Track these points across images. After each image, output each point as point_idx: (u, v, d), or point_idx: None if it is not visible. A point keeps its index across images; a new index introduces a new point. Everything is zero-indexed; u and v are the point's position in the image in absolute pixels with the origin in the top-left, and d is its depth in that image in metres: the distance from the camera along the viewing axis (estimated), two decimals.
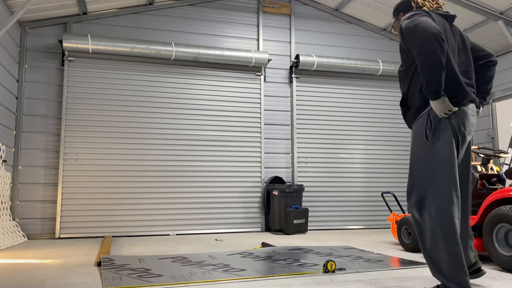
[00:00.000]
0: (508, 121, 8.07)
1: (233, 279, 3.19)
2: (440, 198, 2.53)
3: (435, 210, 2.52)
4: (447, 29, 2.77)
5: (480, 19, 7.50)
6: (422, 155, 2.65)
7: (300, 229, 7.06)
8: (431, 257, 2.54)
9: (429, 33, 2.49)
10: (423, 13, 2.68)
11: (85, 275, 3.46)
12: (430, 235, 2.54)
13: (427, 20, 2.55)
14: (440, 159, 2.57)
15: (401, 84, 2.89)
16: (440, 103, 2.54)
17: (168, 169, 7.21)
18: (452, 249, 2.44)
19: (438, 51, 2.46)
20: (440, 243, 2.48)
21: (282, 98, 8.04)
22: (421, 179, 2.63)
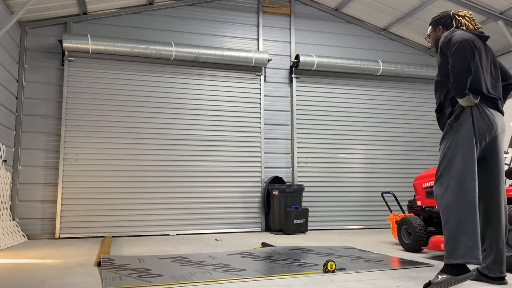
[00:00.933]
0: (508, 121, 8.07)
1: (233, 279, 3.19)
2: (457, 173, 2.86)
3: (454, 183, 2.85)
4: (481, 47, 3.14)
5: (480, 19, 7.50)
6: (446, 140, 2.99)
7: (300, 229, 7.06)
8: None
9: (463, 39, 2.86)
10: (462, 29, 3.09)
11: (85, 275, 3.46)
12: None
13: (463, 32, 2.97)
14: (459, 142, 2.90)
15: (436, 93, 3.21)
16: (465, 100, 2.90)
17: (168, 169, 7.21)
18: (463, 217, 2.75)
19: (468, 56, 2.83)
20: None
21: (282, 98, 8.04)
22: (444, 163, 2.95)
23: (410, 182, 8.39)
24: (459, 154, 2.87)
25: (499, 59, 8.32)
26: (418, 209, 5.13)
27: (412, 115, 8.68)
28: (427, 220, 4.95)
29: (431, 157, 8.65)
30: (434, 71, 8.59)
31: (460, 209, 2.76)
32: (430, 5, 7.43)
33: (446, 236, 2.79)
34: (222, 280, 3.15)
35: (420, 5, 7.54)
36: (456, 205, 2.77)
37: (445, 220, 2.81)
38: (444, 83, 3.10)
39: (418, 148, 8.61)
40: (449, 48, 2.92)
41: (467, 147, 2.86)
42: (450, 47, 2.92)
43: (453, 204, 2.79)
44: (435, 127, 8.80)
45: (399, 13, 8.03)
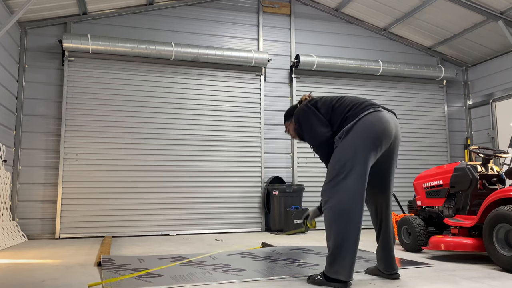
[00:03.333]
0: (508, 121, 8.07)
1: (233, 280, 3.18)
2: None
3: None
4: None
5: (480, 19, 7.50)
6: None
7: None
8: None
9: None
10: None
11: (85, 275, 3.46)
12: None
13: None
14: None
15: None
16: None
17: (168, 169, 7.21)
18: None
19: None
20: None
21: (282, 98, 8.04)
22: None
23: (410, 182, 8.39)
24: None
25: (499, 59, 8.34)
26: (418, 209, 5.13)
27: (412, 115, 8.68)
28: (427, 220, 4.96)
29: (431, 157, 8.65)
30: (434, 71, 8.59)
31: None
32: (430, 5, 7.43)
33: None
34: (224, 281, 3.15)
35: (420, 5, 7.54)
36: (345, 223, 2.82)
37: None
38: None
39: (418, 148, 8.61)
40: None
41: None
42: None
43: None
44: (435, 127, 8.80)
45: (399, 13, 8.03)
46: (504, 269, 3.56)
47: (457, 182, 4.43)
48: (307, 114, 3.11)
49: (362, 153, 2.81)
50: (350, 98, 3.09)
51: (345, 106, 3.02)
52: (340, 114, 3.00)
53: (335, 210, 2.80)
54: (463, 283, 3.07)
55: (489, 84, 8.55)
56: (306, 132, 3.13)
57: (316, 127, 3.04)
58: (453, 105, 9.05)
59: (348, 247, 2.77)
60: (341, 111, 3.01)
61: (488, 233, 3.70)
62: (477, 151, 4.55)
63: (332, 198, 2.83)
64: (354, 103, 3.02)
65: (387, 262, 3.20)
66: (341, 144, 2.90)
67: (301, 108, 3.20)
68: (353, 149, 2.83)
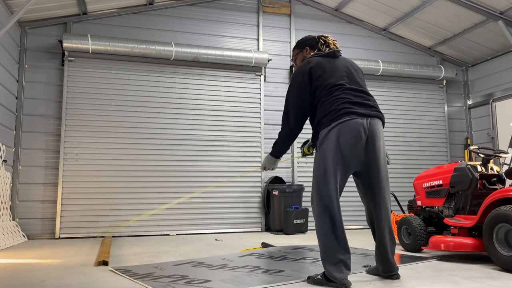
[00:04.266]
0: (508, 121, 8.07)
1: (296, 281, 3.17)
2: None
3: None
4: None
5: (480, 19, 7.50)
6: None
7: (300, 229, 7.05)
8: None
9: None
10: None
11: (85, 275, 3.46)
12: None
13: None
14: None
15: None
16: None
17: (168, 169, 7.21)
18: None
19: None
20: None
21: (282, 98, 8.02)
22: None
23: (410, 182, 8.38)
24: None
25: (499, 59, 8.34)
26: (418, 209, 5.13)
27: (412, 115, 8.68)
28: (427, 220, 4.96)
29: (431, 157, 8.65)
30: (434, 71, 8.59)
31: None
32: (430, 5, 7.43)
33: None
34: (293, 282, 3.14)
35: (420, 5, 7.54)
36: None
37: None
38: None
39: (418, 148, 8.61)
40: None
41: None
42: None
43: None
44: (435, 127, 8.80)
45: (399, 13, 8.03)
46: (504, 269, 3.56)
47: (457, 182, 4.43)
48: (298, 77, 3.14)
49: (331, 169, 2.96)
50: (335, 97, 3.04)
51: (327, 107, 3.04)
52: (321, 111, 3.07)
53: (317, 218, 3.05)
54: (463, 283, 3.08)
55: (489, 84, 8.55)
56: (288, 91, 3.20)
57: (295, 99, 3.14)
58: (453, 105, 9.05)
59: (335, 249, 2.95)
60: (323, 109, 3.07)
61: (488, 233, 3.70)
62: (477, 151, 4.55)
63: (317, 207, 3.02)
64: (333, 109, 3.01)
65: (384, 263, 3.19)
66: (316, 159, 3.07)
67: (303, 64, 3.19)
68: (323, 165, 2.98)
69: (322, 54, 3.25)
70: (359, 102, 3.05)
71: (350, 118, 2.97)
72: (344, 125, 2.96)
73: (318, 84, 3.08)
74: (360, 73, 3.30)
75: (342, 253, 2.95)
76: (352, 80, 3.15)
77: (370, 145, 3.03)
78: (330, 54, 3.25)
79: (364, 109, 3.04)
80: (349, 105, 3.00)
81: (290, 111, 3.15)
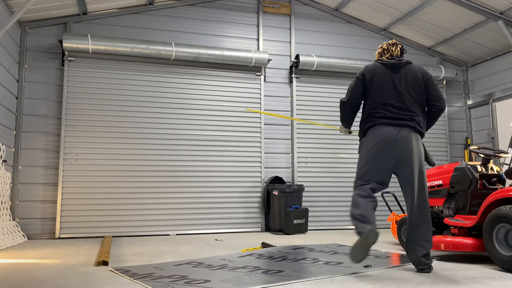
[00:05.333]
0: (508, 121, 8.07)
1: (300, 280, 3.17)
2: None
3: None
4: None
5: (480, 19, 7.50)
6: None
7: (300, 229, 7.05)
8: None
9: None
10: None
11: (85, 275, 3.46)
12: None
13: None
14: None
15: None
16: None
17: (168, 169, 7.21)
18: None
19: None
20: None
21: (282, 98, 8.04)
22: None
23: None
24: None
25: (499, 59, 8.34)
26: None
27: None
28: None
29: None
30: (434, 71, 8.59)
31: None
32: (430, 5, 7.43)
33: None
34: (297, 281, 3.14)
35: (420, 5, 7.54)
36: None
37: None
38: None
39: None
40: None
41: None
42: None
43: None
44: (435, 127, 8.79)
45: (399, 13, 8.03)
46: (504, 269, 3.56)
47: (457, 182, 4.43)
48: (355, 79, 3.84)
49: (367, 163, 3.66)
50: (378, 93, 3.68)
51: (371, 103, 3.71)
52: (367, 105, 3.76)
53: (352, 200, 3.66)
54: (463, 283, 3.08)
55: (489, 84, 8.55)
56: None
57: (350, 90, 3.84)
58: (453, 105, 9.05)
59: (355, 218, 3.52)
60: (368, 103, 3.73)
61: (488, 233, 3.70)
62: (477, 151, 4.55)
63: (354, 190, 3.68)
64: (374, 108, 3.68)
65: (410, 255, 3.54)
66: (359, 153, 3.77)
67: (365, 68, 3.84)
68: (362, 160, 3.68)
69: (382, 62, 3.77)
70: (392, 117, 3.61)
71: (383, 124, 3.62)
72: (376, 131, 3.64)
73: (368, 87, 3.73)
74: (414, 84, 3.68)
75: (360, 219, 3.50)
76: (397, 96, 3.65)
77: (399, 150, 3.61)
78: (389, 65, 3.73)
79: (393, 120, 3.61)
80: (382, 119, 3.63)
81: (348, 92, 3.85)
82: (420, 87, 3.68)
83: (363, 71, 3.79)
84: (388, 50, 3.83)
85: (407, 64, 3.74)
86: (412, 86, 3.66)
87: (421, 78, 3.71)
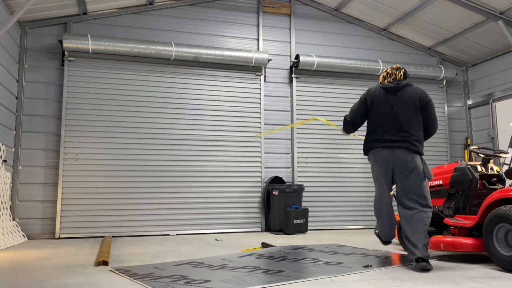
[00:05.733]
0: (508, 121, 8.07)
1: (300, 280, 3.17)
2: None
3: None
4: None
5: (480, 19, 7.50)
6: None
7: (300, 229, 7.05)
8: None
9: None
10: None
11: (85, 275, 3.46)
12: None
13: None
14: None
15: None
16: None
17: (168, 169, 7.21)
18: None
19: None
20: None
21: (282, 98, 8.04)
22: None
23: None
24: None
25: (499, 59, 8.34)
26: None
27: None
28: None
29: (431, 157, 8.64)
30: (434, 71, 8.59)
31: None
32: (430, 5, 7.43)
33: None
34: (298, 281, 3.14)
35: (420, 5, 7.54)
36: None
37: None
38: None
39: None
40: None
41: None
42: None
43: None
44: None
45: (399, 13, 8.03)
46: (504, 269, 3.56)
47: (457, 182, 4.43)
48: (359, 101, 4.24)
49: (376, 178, 4.14)
50: (377, 116, 4.06)
51: (371, 124, 4.12)
52: (369, 125, 4.16)
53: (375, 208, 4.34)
54: (463, 283, 3.08)
55: (489, 84, 8.55)
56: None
57: (353, 108, 4.26)
58: (453, 105, 9.05)
59: (379, 226, 4.34)
60: (370, 123, 4.14)
61: (488, 233, 3.70)
62: (477, 151, 4.55)
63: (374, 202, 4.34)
64: (373, 129, 4.08)
65: (407, 249, 3.91)
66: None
67: (367, 91, 4.21)
68: (373, 175, 4.19)
69: (382, 86, 4.10)
70: (387, 139, 3.97)
71: (379, 147, 4.02)
72: (375, 154, 4.07)
73: (369, 109, 4.11)
74: (411, 107, 3.96)
75: (383, 228, 4.33)
76: (393, 120, 3.97)
77: (395, 167, 3.98)
78: (387, 88, 4.05)
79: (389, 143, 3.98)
80: (378, 143, 4.02)
81: (351, 113, 4.27)
82: (416, 108, 3.96)
83: (365, 94, 4.16)
84: (391, 74, 4.10)
85: (406, 87, 4.02)
86: (408, 107, 3.95)
87: (418, 100, 3.98)
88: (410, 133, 3.91)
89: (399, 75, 4.07)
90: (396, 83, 4.03)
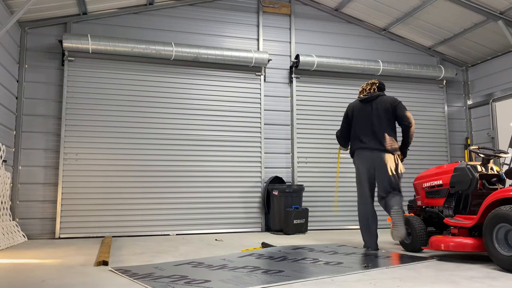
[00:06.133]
0: (508, 121, 8.07)
1: (301, 280, 3.18)
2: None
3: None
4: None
5: (480, 19, 7.50)
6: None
7: (300, 229, 7.06)
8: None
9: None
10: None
11: (85, 275, 3.47)
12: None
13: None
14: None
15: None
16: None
17: (168, 169, 7.21)
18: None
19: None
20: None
21: (282, 98, 8.04)
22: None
23: (410, 182, 8.37)
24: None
25: (499, 59, 8.34)
26: (418, 209, 5.13)
27: (412, 115, 8.64)
28: (427, 220, 4.96)
29: (431, 157, 8.65)
30: (434, 71, 8.59)
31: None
32: (430, 5, 7.43)
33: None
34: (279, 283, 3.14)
35: (420, 5, 7.54)
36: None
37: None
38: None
39: (418, 148, 8.60)
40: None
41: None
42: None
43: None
44: (435, 127, 8.80)
45: (399, 13, 8.03)
46: (504, 269, 3.56)
47: (457, 182, 4.43)
48: (343, 116, 5.26)
49: (358, 177, 5.09)
50: (356, 125, 5.06)
51: (353, 132, 5.10)
52: (352, 132, 5.13)
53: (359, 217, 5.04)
54: (463, 283, 3.08)
55: (489, 84, 8.55)
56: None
57: (341, 124, 5.29)
58: (453, 105, 9.05)
59: (362, 230, 4.95)
60: (352, 131, 5.13)
61: (488, 233, 3.70)
62: (477, 151, 4.55)
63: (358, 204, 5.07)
64: (354, 136, 5.09)
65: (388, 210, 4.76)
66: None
67: (348, 106, 5.29)
68: (356, 176, 5.13)
69: (359, 99, 5.10)
70: (365, 146, 4.91)
71: (359, 149, 5.00)
72: (356, 155, 5.08)
73: (351, 119, 5.12)
74: (382, 113, 4.85)
75: (366, 233, 4.94)
76: (368, 126, 4.90)
77: (373, 166, 4.89)
78: (362, 100, 5.03)
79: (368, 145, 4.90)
80: (360, 145, 4.98)
81: (340, 127, 5.31)
82: (388, 111, 4.82)
83: (347, 110, 5.16)
84: (365, 89, 5.05)
85: (378, 97, 4.92)
86: (381, 112, 4.82)
87: (390, 106, 4.83)
88: (384, 136, 4.78)
89: (373, 88, 4.98)
90: (370, 95, 4.93)
